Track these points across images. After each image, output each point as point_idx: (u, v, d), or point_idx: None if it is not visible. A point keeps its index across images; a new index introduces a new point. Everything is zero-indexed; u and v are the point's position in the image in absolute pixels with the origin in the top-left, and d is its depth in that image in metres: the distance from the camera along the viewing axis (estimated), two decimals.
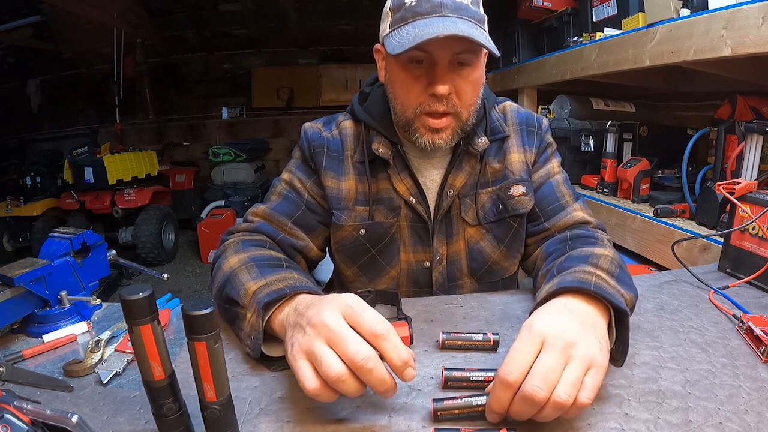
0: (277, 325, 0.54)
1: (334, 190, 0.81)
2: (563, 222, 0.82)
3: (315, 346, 0.43)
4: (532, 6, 2.11)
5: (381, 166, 0.81)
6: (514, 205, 0.83)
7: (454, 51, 0.68)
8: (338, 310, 0.45)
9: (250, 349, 0.55)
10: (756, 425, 0.45)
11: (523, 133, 0.86)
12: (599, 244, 0.70)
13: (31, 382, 0.52)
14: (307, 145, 0.83)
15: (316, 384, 0.43)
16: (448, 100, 0.70)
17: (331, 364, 0.42)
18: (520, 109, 0.89)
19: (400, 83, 0.73)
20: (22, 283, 0.62)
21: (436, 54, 0.68)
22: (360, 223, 0.82)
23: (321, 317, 0.45)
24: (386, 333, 0.43)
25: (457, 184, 0.81)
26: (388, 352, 0.43)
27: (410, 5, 0.68)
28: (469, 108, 0.74)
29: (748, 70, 1.20)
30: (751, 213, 0.77)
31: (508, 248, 0.85)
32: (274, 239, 0.77)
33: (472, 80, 0.72)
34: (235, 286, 0.60)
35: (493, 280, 0.87)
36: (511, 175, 0.83)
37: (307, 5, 4.79)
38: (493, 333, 0.59)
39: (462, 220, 0.83)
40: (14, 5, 3.91)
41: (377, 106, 0.82)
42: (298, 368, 0.44)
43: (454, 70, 0.70)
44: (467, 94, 0.72)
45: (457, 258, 0.85)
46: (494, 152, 0.84)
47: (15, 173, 4.23)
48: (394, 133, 0.80)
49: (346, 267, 0.86)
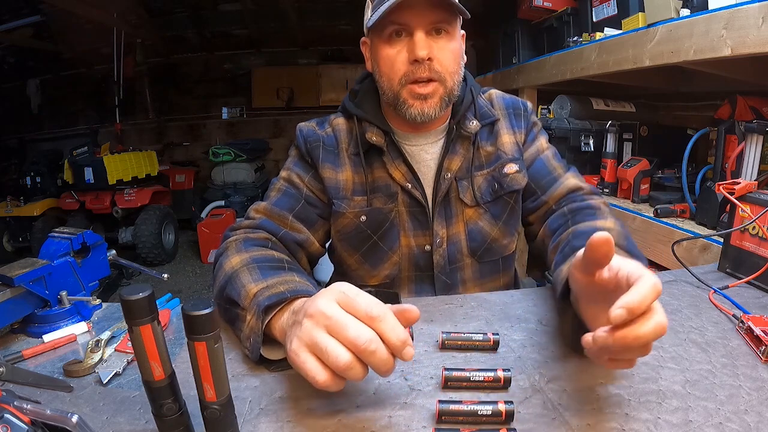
0: (277, 330, 0.54)
1: (333, 180, 0.83)
2: (558, 192, 0.86)
3: (317, 336, 0.43)
4: (532, 6, 2.12)
5: (376, 155, 0.83)
6: (509, 182, 0.86)
7: (429, 19, 0.72)
8: (332, 297, 0.45)
9: (249, 351, 0.55)
10: (756, 425, 0.45)
11: (511, 117, 0.89)
12: (599, 215, 0.75)
13: (31, 382, 0.52)
14: (303, 142, 0.86)
15: (326, 376, 0.42)
16: (430, 66, 0.74)
17: (339, 354, 0.42)
18: (504, 95, 0.93)
19: (384, 60, 0.77)
20: (22, 283, 0.62)
21: (412, 24, 0.72)
22: (360, 210, 0.83)
23: (316, 306, 0.45)
24: (382, 314, 0.43)
25: (453, 167, 0.83)
26: (386, 332, 0.43)
27: None
28: (453, 76, 0.77)
29: (748, 70, 1.20)
30: (751, 213, 0.77)
31: (505, 224, 0.88)
32: (276, 236, 0.79)
33: (451, 49, 0.76)
34: (236, 287, 0.61)
35: (493, 258, 0.89)
36: (504, 155, 0.86)
37: (307, 5, 4.79)
38: (493, 333, 0.59)
39: (460, 201, 0.85)
40: (14, 5, 3.90)
41: (367, 99, 0.85)
42: (303, 362, 0.43)
43: (432, 39, 0.74)
44: (448, 61, 0.75)
45: (457, 239, 0.86)
46: (486, 136, 0.87)
47: (15, 173, 4.23)
48: (385, 122, 0.83)
49: (349, 255, 0.87)
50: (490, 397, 0.49)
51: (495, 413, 0.45)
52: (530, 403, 0.49)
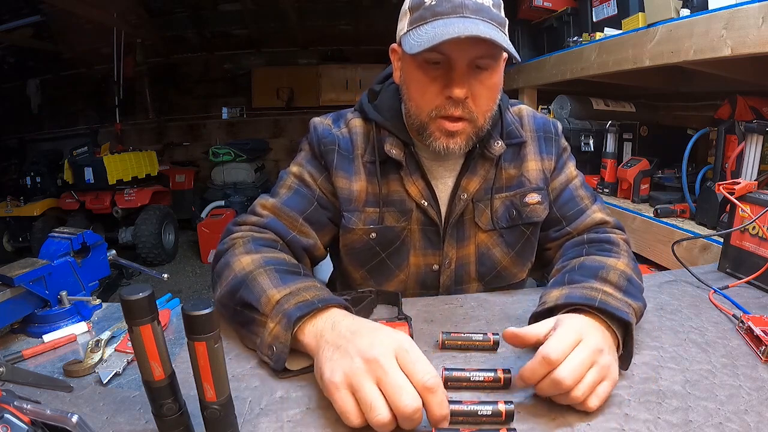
0: (306, 336, 0.53)
1: (345, 191, 0.79)
2: (584, 225, 0.83)
3: (365, 386, 0.43)
4: (532, 6, 2.11)
5: (392, 167, 0.79)
6: (529, 213, 0.82)
7: (472, 54, 0.66)
8: (392, 350, 0.45)
9: (271, 360, 0.54)
10: (756, 425, 0.45)
11: (541, 141, 0.85)
12: (613, 253, 0.72)
13: (31, 382, 0.52)
14: (317, 142, 0.81)
15: (360, 421, 0.43)
16: (464, 104, 0.68)
17: (380, 412, 0.42)
18: (536, 114, 0.88)
19: (416, 85, 0.71)
20: (22, 283, 0.62)
21: (454, 56, 0.66)
22: (370, 226, 0.80)
23: (374, 353, 0.44)
24: (436, 387, 0.43)
25: (471, 189, 0.79)
26: (433, 407, 0.43)
27: (430, 4, 0.66)
28: (485, 114, 0.72)
29: (748, 70, 1.20)
30: (751, 213, 0.77)
31: (518, 255, 0.85)
32: (284, 239, 0.75)
33: (489, 85, 0.70)
34: (254, 291, 0.59)
35: (501, 285, 0.86)
36: (527, 183, 0.82)
37: (307, 5, 4.78)
38: (493, 333, 0.59)
39: (475, 224, 0.82)
40: (14, 5, 3.90)
41: (388, 105, 0.80)
42: (340, 399, 0.44)
43: (471, 74, 0.68)
44: (484, 99, 0.70)
45: (467, 262, 0.84)
46: (511, 157, 0.82)
47: (15, 173, 4.22)
48: (406, 133, 0.78)
49: (354, 270, 0.85)
50: (490, 397, 0.49)
51: (495, 413, 0.45)
52: (530, 403, 0.49)
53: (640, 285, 0.67)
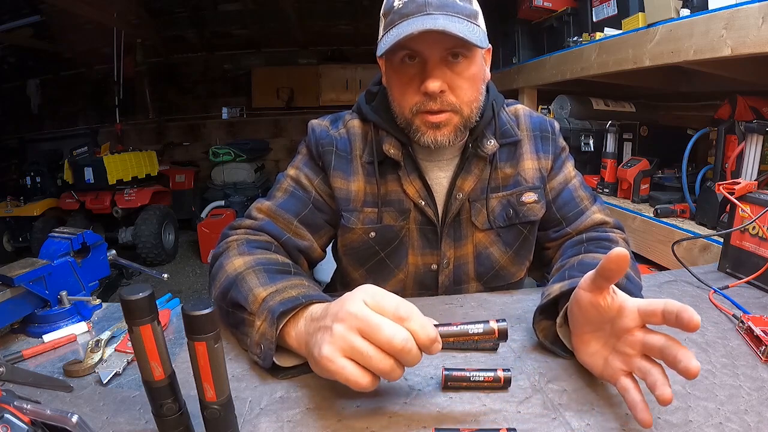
0: (291, 338, 0.53)
1: (343, 191, 0.80)
2: (584, 225, 0.83)
3: (354, 341, 0.43)
4: (532, 6, 2.11)
5: (390, 167, 0.80)
6: (526, 212, 0.83)
7: (441, 48, 0.68)
8: (361, 300, 0.45)
9: (260, 358, 0.53)
10: (756, 425, 0.45)
11: (537, 140, 0.85)
12: None
13: (31, 382, 0.52)
14: (315, 143, 0.81)
15: (369, 378, 0.43)
16: (442, 98, 0.70)
17: (381, 358, 0.42)
18: (532, 113, 0.88)
19: (396, 85, 0.74)
20: (22, 283, 0.62)
21: (425, 53, 0.68)
22: (369, 225, 0.80)
23: (346, 310, 0.44)
24: (411, 314, 0.43)
25: (466, 188, 0.80)
26: (416, 332, 0.43)
27: (398, 8, 0.68)
28: (471, 105, 0.73)
29: (748, 70, 1.20)
30: (751, 213, 0.77)
31: (516, 254, 0.85)
32: (278, 240, 0.75)
33: (468, 76, 0.71)
34: (242, 291, 0.59)
35: (499, 284, 0.87)
36: (523, 182, 0.83)
37: (307, 5, 4.79)
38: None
39: (471, 224, 0.82)
40: (14, 5, 3.90)
41: (385, 105, 0.80)
42: (341, 368, 0.43)
43: (447, 66, 0.69)
44: (464, 90, 0.71)
45: (465, 262, 0.84)
46: (506, 156, 0.83)
47: (15, 173, 4.23)
48: (403, 133, 0.79)
49: (354, 269, 0.85)
50: (490, 397, 0.49)
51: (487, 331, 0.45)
52: (530, 403, 0.49)
53: (638, 283, 0.66)
